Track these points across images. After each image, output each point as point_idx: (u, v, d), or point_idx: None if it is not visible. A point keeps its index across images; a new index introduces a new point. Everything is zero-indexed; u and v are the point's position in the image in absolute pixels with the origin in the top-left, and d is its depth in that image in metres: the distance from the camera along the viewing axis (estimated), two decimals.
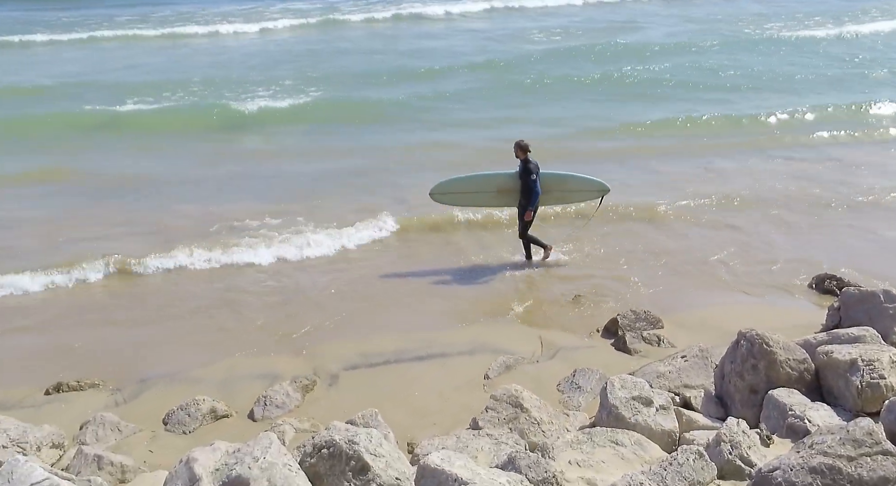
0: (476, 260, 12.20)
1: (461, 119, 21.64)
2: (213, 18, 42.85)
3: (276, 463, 5.10)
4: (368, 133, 20.24)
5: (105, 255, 12.29)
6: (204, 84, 26.15)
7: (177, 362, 9.42)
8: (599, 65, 27.63)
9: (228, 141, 20.36)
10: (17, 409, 8.25)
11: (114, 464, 6.66)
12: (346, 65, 29.11)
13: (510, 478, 4.87)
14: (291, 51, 32.62)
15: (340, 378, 8.82)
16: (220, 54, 32.99)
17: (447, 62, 28.68)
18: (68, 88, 25.52)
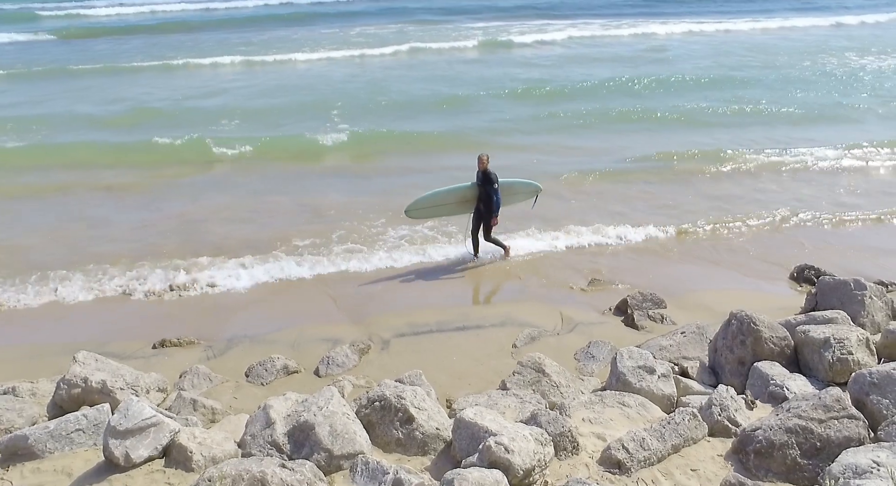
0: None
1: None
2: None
3: (336, 412, 5.19)
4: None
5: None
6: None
7: (257, 326, 9.56)
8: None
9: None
10: (131, 359, 8.48)
11: (206, 407, 6.82)
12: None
13: (532, 431, 4.90)
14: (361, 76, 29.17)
15: (391, 344, 8.89)
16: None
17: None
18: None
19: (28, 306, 10.52)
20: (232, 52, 33.98)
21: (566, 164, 16.64)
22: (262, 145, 18.34)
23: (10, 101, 24.67)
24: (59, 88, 26.65)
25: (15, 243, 12.65)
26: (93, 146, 18.53)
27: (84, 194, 15.28)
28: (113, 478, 4.92)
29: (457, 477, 4.30)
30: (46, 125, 20.60)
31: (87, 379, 6.85)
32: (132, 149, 18.37)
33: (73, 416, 5.72)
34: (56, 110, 22.59)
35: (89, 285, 10.90)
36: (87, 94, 25.33)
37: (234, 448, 5.22)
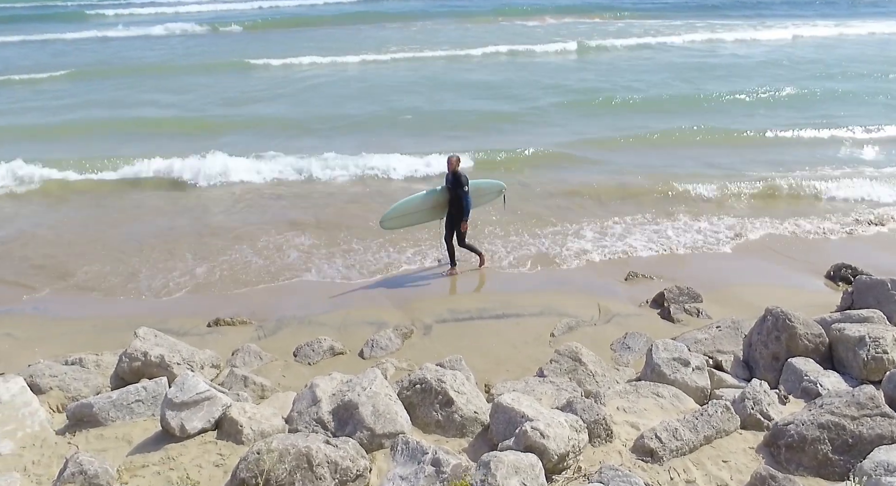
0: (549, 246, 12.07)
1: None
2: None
3: (379, 393, 5.23)
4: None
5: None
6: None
7: (306, 309, 9.69)
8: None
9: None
10: (187, 336, 8.67)
11: (256, 384, 6.93)
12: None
13: (568, 418, 4.88)
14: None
15: (433, 329, 8.92)
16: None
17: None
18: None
19: (105, 279, 10.87)
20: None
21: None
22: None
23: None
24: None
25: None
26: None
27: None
28: (169, 447, 5.05)
29: (493, 459, 4.31)
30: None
31: (147, 354, 7.03)
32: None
33: (134, 387, 5.87)
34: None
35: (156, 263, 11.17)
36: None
37: (282, 424, 5.31)
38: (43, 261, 11.73)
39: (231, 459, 4.82)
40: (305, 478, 4.33)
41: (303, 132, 19.76)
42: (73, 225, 13.43)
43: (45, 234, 12.95)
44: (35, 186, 15.71)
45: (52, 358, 7.75)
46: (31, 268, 11.54)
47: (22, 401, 5.64)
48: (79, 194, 15.28)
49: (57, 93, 26.27)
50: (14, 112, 23.33)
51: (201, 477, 4.68)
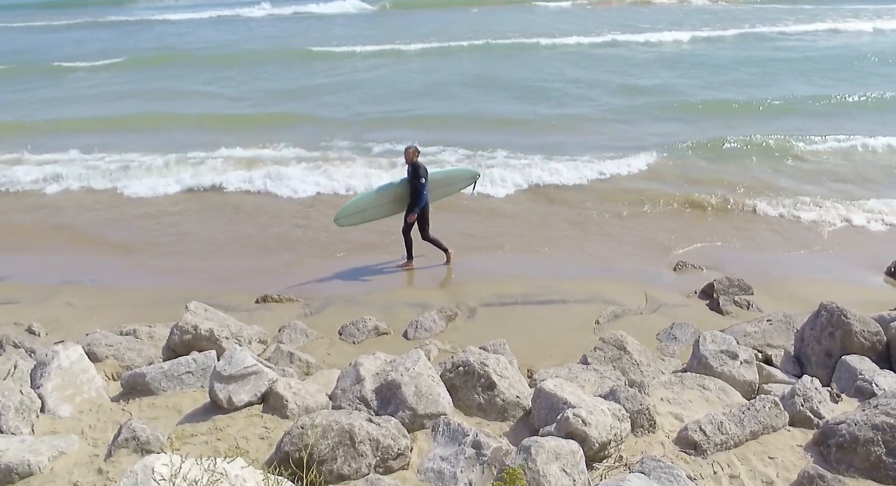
0: (602, 230, 11.95)
1: None
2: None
3: (422, 374, 5.27)
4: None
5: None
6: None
7: (352, 288, 9.79)
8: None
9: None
10: (236, 311, 8.85)
11: (301, 360, 7.05)
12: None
13: (610, 406, 4.85)
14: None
15: (477, 312, 8.93)
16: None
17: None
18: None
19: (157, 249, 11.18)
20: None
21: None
22: None
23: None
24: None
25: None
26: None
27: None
28: (216, 418, 5.18)
29: (534, 444, 4.31)
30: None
31: (197, 327, 7.20)
32: None
33: (184, 359, 6.04)
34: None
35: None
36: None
37: (326, 400, 5.39)
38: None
39: (276, 432, 4.92)
40: (347, 454, 4.40)
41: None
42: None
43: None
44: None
45: (108, 328, 8.02)
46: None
47: (80, 368, 5.85)
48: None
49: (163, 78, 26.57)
50: (74, 100, 23.84)
51: (247, 448, 4.79)
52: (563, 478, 4.18)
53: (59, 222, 13.34)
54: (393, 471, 4.52)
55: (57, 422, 5.40)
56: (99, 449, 4.96)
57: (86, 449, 4.98)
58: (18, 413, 5.23)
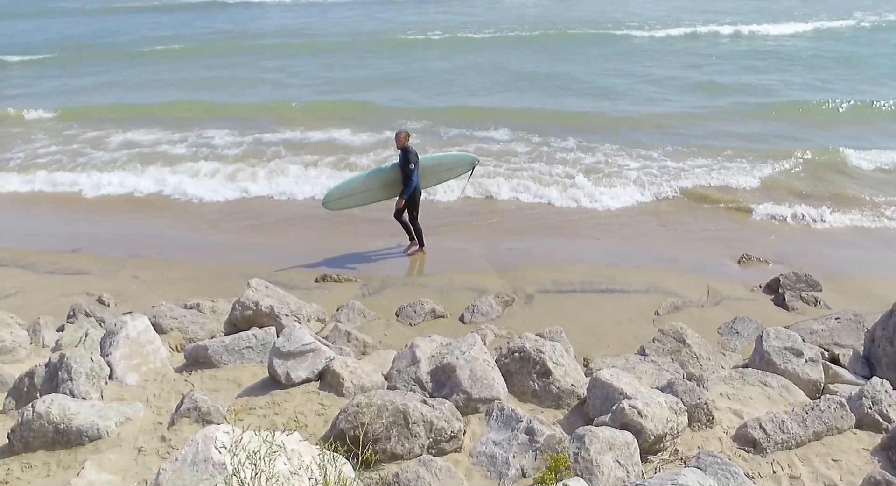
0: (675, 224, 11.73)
1: None
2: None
3: (477, 358, 5.28)
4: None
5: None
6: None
7: (410, 270, 9.87)
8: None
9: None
10: (296, 290, 9.03)
11: (358, 340, 7.15)
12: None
13: (667, 399, 4.78)
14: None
15: (535, 299, 8.90)
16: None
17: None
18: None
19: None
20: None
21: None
22: None
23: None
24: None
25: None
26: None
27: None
28: (274, 393, 5.30)
29: (588, 434, 4.28)
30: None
31: (258, 303, 7.37)
32: None
33: (245, 334, 6.19)
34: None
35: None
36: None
37: (381, 380, 5.46)
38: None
39: (331, 409, 5.01)
40: (401, 434, 4.46)
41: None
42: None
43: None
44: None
45: (173, 301, 8.27)
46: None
47: (146, 339, 6.06)
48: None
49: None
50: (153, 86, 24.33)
51: (304, 424, 4.89)
52: (616, 469, 4.15)
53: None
54: (445, 453, 4.56)
55: (124, 389, 5.62)
56: (162, 417, 5.14)
57: (150, 417, 5.17)
58: (89, 379, 5.46)
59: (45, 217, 13.46)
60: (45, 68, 28.57)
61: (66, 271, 10.58)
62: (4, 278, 10.41)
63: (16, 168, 16.24)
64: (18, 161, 16.84)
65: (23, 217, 13.55)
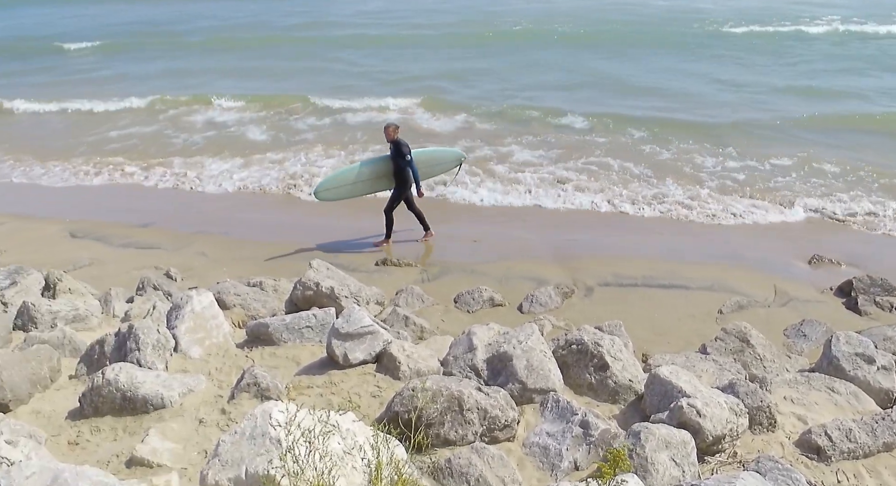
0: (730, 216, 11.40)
1: None
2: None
3: (534, 348, 5.25)
4: None
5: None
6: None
7: (470, 257, 9.86)
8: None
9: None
10: (356, 272, 9.15)
11: (416, 324, 7.19)
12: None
13: (728, 400, 4.66)
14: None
15: (595, 291, 8.79)
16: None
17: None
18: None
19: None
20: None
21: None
22: None
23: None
24: None
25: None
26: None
27: None
28: (332, 373, 5.38)
29: (644, 430, 4.21)
30: None
31: (319, 284, 7.48)
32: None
33: (305, 314, 6.29)
34: None
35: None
36: None
37: (437, 366, 5.48)
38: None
39: (387, 392, 5.06)
40: (455, 420, 4.47)
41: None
42: None
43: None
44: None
45: (236, 278, 8.47)
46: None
47: (210, 314, 6.22)
48: None
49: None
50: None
51: (359, 404, 4.95)
52: (671, 468, 4.08)
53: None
54: (498, 442, 4.55)
55: (188, 362, 5.79)
56: (223, 391, 5.28)
57: (212, 389, 5.32)
58: (155, 350, 5.65)
59: (121, 193, 13.98)
60: (133, 53, 29.50)
61: (137, 245, 10.97)
62: (81, 249, 10.86)
63: (99, 151, 16.89)
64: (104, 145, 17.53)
65: (101, 193, 14.11)
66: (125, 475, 4.15)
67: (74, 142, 17.53)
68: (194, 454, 4.45)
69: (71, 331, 6.53)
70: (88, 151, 16.69)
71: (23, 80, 25.47)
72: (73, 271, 9.69)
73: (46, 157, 16.31)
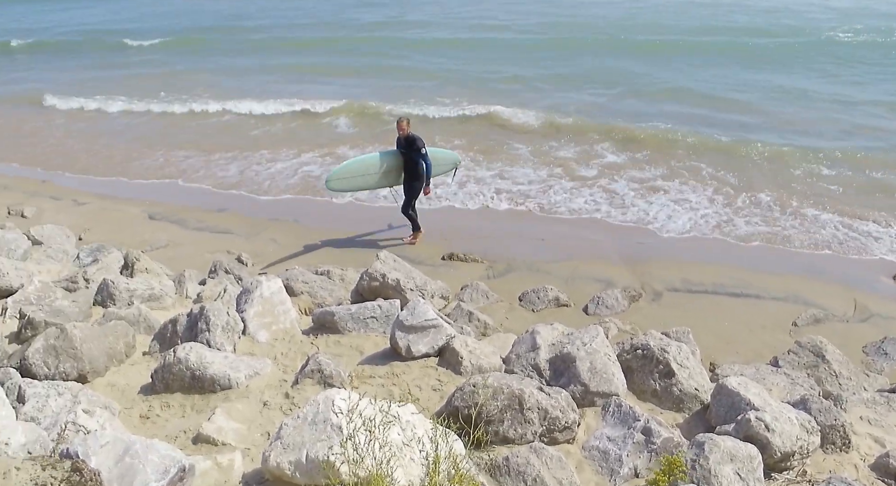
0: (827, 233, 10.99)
1: None
2: None
3: (598, 351, 5.18)
4: None
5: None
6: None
7: (537, 255, 9.79)
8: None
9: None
10: (422, 265, 9.21)
11: (479, 320, 7.19)
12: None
13: (799, 416, 4.51)
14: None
15: (663, 296, 8.62)
16: None
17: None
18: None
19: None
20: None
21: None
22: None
23: None
24: None
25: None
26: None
27: None
28: (394, 364, 5.43)
29: (708, 441, 4.11)
30: None
31: (385, 276, 7.56)
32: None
33: (371, 304, 6.37)
34: None
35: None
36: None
37: (499, 363, 5.47)
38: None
39: (448, 386, 5.08)
40: (515, 419, 4.45)
41: None
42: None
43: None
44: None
45: (305, 266, 8.65)
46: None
47: (279, 299, 6.37)
48: None
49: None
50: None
51: (419, 397, 4.99)
52: (735, 482, 3.97)
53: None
54: (557, 443, 4.51)
55: (255, 345, 5.94)
56: (288, 376, 5.40)
57: (277, 374, 5.45)
58: (224, 332, 5.81)
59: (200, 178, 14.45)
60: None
61: (211, 229, 11.32)
62: (159, 230, 11.29)
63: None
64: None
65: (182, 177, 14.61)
66: (191, 451, 4.29)
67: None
68: (257, 435, 4.57)
69: (146, 309, 6.79)
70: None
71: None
72: (151, 251, 10.08)
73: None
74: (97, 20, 41.89)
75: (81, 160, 15.90)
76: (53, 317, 6.31)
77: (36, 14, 46.34)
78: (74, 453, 3.32)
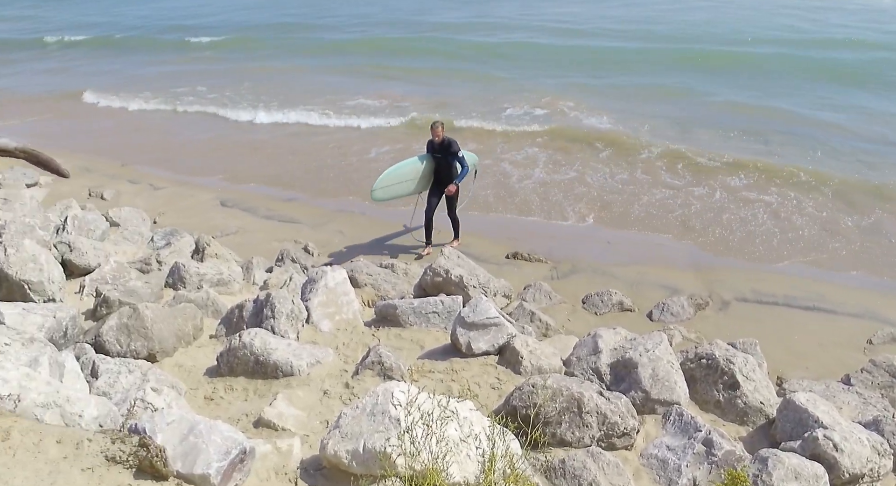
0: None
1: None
2: None
3: (661, 358, 5.12)
4: None
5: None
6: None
7: (603, 258, 9.70)
8: None
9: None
10: (486, 263, 9.23)
11: (541, 321, 7.18)
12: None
13: (871, 437, 4.37)
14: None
15: (731, 305, 8.41)
16: None
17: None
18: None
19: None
20: None
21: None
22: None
23: None
24: None
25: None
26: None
27: None
28: (453, 360, 5.47)
29: (772, 457, 4.02)
30: None
31: (449, 272, 7.61)
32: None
33: (433, 300, 6.43)
34: None
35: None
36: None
37: (559, 365, 5.45)
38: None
39: (507, 385, 5.09)
40: (573, 421, 4.44)
41: None
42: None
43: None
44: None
45: (370, 258, 8.77)
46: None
47: (342, 290, 6.49)
48: None
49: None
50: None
51: (477, 394, 5.02)
52: None
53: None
54: (615, 449, 4.48)
55: (318, 334, 6.07)
56: (348, 366, 5.50)
57: (338, 363, 5.56)
58: (289, 320, 5.96)
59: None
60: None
61: (280, 218, 11.59)
62: (230, 217, 11.62)
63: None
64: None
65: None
66: (252, 435, 4.42)
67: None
68: (316, 423, 4.68)
69: (214, 293, 7.01)
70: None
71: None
72: (221, 237, 10.38)
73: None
74: (178, 15, 41.78)
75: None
76: (127, 297, 6.59)
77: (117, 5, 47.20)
78: (142, 429, 3.47)
